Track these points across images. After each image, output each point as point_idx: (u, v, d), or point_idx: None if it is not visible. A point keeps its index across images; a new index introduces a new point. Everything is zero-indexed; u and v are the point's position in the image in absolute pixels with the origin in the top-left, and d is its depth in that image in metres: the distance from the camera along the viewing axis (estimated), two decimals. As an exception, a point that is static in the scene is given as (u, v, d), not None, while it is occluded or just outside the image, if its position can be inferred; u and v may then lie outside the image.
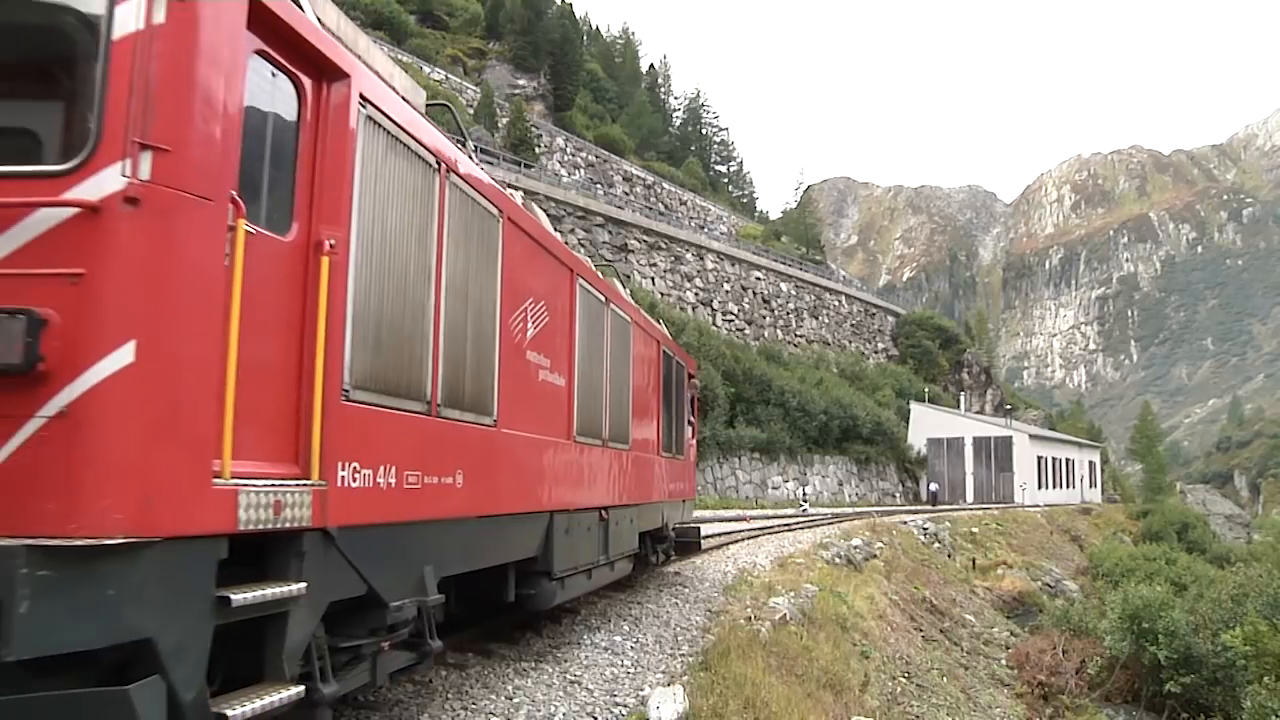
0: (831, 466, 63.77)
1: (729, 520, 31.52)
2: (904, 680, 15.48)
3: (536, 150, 74.79)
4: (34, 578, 3.28)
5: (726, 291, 77.85)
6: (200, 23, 3.94)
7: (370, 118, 5.45)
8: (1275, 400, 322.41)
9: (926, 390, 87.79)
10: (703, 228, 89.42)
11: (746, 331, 78.01)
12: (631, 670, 8.94)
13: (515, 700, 7.48)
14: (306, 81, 4.97)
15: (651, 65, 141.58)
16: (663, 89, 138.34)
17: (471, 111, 72.98)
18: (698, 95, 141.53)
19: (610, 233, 66.39)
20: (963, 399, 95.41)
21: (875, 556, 24.75)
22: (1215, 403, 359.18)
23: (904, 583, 23.93)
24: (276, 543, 4.66)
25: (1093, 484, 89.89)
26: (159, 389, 3.72)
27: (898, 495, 72.64)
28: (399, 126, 5.82)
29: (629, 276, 62.33)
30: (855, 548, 24.19)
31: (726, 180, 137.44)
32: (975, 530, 42.04)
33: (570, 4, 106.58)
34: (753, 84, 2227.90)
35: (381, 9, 78.94)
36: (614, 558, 11.58)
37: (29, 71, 3.99)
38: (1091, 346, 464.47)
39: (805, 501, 48.63)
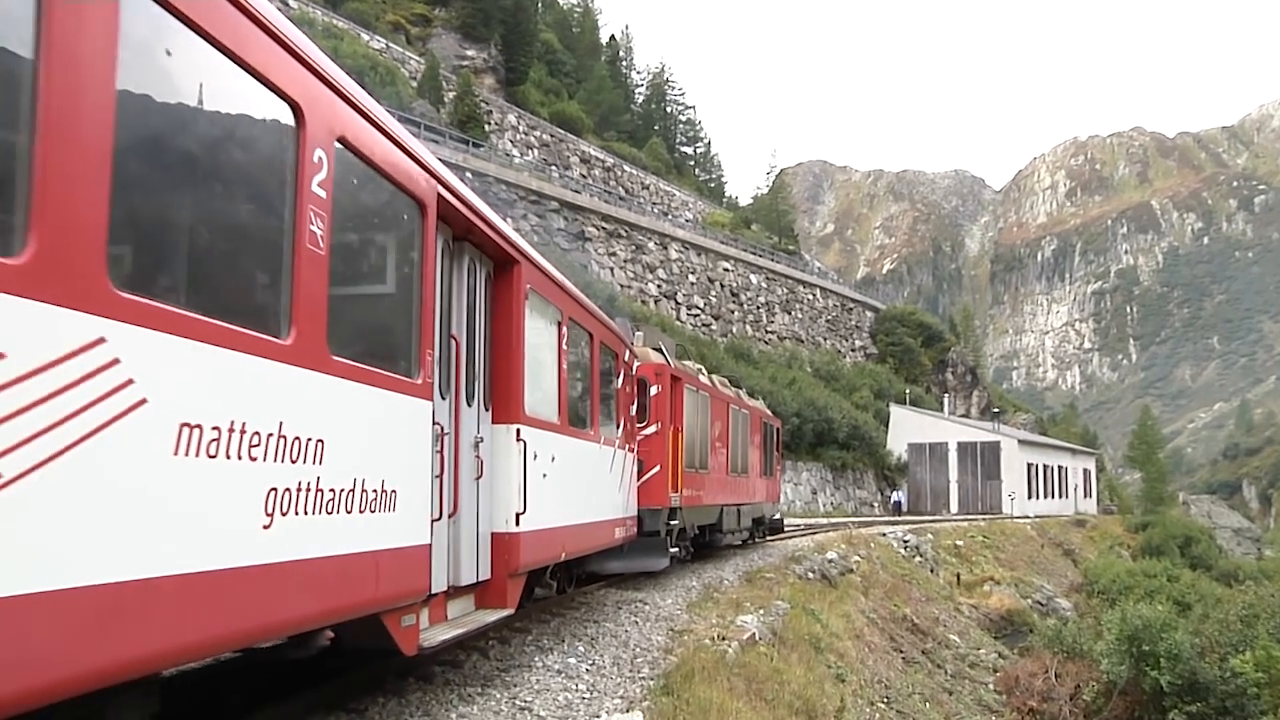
0: (805, 474, 64.17)
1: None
2: (883, 706, 15.66)
3: (486, 128, 74.60)
4: (647, 514, 16.45)
5: (692, 284, 78.13)
6: (665, 386, 17.88)
7: (687, 388, 18.92)
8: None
9: (908, 391, 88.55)
10: (666, 214, 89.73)
11: (713, 327, 78.37)
12: (587, 695, 8.94)
13: (459, 729, 7.47)
14: (673, 382, 18.23)
15: (612, 37, 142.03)
16: (624, 63, 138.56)
17: (415, 85, 72.62)
18: (662, 70, 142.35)
19: (566, 219, 66.36)
20: (946, 401, 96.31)
21: (852, 571, 24.93)
22: (1222, 406, 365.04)
23: (883, 600, 24.16)
24: (675, 510, 17.91)
25: (1087, 494, 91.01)
26: (664, 475, 17.40)
27: (876, 505, 73.27)
28: (695, 383, 19.90)
29: (586, 266, 62.30)
30: (830, 561, 24.35)
31: (693, 163, 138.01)
32: (960, 543, 42.44)
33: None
34: (722, 58, 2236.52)
35: (314, -31, 78.25)
36: (741, 529, 24.28)
37: (642, 400, 17.13)
38: (1087, 345, 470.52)
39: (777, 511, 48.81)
